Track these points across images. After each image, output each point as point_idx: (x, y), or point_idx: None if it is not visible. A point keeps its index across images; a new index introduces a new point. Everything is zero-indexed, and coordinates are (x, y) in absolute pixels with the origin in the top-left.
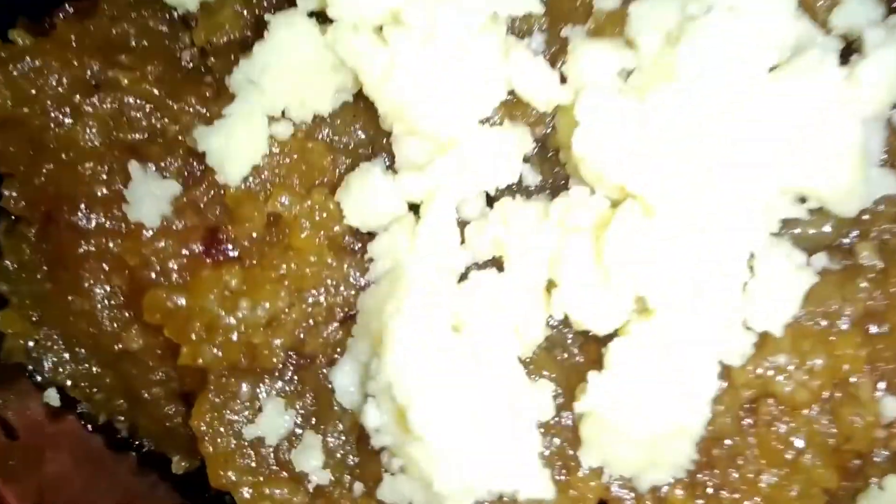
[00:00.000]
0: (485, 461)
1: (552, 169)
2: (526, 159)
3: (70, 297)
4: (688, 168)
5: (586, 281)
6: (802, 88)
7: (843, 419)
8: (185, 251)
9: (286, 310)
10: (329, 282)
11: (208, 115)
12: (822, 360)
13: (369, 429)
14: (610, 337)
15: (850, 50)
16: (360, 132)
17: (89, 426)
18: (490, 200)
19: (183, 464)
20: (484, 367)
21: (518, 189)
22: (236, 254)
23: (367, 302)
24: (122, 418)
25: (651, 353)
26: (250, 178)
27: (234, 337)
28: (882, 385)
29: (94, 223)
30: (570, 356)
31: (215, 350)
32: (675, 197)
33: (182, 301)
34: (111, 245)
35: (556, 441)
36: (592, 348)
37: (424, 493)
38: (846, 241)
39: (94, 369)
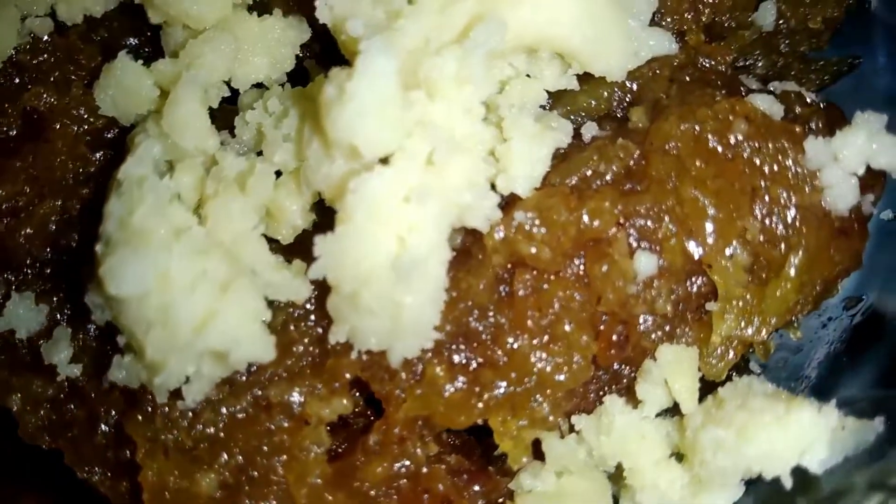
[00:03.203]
0: (197, 319)
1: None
2: (313, 55)
3: None
4: (425, 27)
5: (319, 147)
6: None
7: (595, 277)
8: None
9: (35, 200)
10: (82, 174)
11: None
12: (565, 215)
13: (92, 307)
14: None
15: None
16: (139, 37)
17: None
18: None
19: None
20: (221, 241)
21: (303, 83)
22: None
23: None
24: None
25: (381, 210)
26: (8, 73)
27: None
28: (638, 242)
29: None
30: None
31: None
32: (411, 56)
33: None
34: None
35: (317, 328)
36: None
37: (143, 365)
38: (621, 110)
39: None
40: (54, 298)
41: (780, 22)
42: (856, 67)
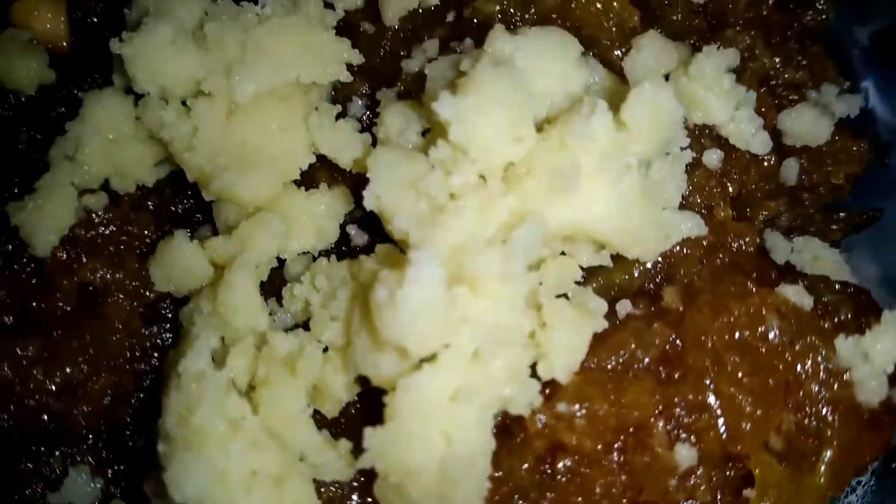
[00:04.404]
0: None
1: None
2: (354, 220)
3: None
4: (468, 223)
5: (367, 338)
6: (575, 136)
7: (635, 468)
8: None
9: (91, 377)
10: (137, 349)
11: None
12: (605, 407)
13: (150, 496)
14: None
15: None
16: (189, 200)
17: None
18: None
19: None
20: (272, 427)
21: (347, 251)
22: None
23: (165, 366)
24: None
25: (428, 409)
26: (65, 250)
27: (31, 404)
28: (677, 432)
29: None
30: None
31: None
32: (454, 251)
33: None
34: None
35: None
36: None
37: None
38: (653, 286)
39: None
40: (109, 471)
41: (803, 177)
42: (878, 219)
